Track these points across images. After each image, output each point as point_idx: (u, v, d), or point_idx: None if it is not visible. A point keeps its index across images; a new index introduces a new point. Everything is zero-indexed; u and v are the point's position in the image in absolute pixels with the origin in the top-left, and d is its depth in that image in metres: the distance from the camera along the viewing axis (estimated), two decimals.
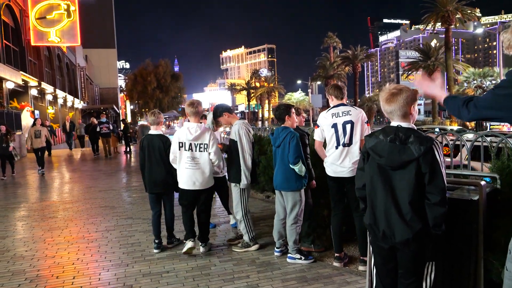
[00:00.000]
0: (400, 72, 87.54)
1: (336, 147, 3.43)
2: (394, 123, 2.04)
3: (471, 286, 2.34)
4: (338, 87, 3.56)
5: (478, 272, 2.32)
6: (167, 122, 55.25)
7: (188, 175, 3.83)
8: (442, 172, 1.93)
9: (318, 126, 3.60)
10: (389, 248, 2.07)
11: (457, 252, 2.37)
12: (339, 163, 3.42)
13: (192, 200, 3.95)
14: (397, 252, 2.07)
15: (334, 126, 3.43)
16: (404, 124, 2.01)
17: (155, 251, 4.06)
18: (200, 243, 4.04)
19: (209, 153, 3.81)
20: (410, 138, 1.95)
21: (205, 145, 3.82)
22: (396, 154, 1.96)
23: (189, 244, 3.90)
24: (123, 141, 18.69)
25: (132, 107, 64.76)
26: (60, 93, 24.32)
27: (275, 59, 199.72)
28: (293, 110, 3.82)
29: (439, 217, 1.94)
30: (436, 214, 1.93)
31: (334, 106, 3.52)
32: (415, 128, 2.03)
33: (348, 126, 3.38)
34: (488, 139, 3.61)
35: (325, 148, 3.63)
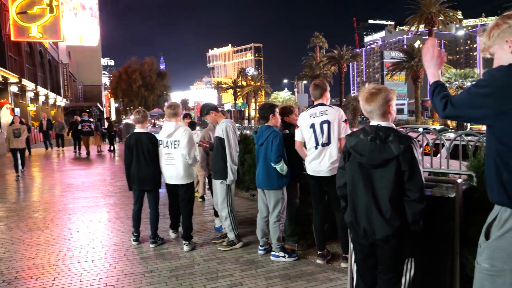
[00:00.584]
0: (385, 72, 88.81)
1: (316, 147, 3.47)
2: (373, 122, 2.08)
3: (448, 282, 2.41)
4: (318, 86, 3.56)
5: (454, 268, 2.38)
6: (152, 121, 54.51)
7: (166, 170, 4.11)
8: (420, 170, 1.98)
9: (298, 127, 3.63)
10: (369, 245, 2.11)
11: (435, 248, 2.43)
12: (318, 162, 3.46)
13: (172, 194, 4.23)
14: (377, 248, 2.11)
15: (312, 126, 3.47)
16: (383, 123, 2.05)
17: (134, 243, 4.20)
18: (183, 242, 4.04)
19: (180, 148, 3.94)
20: (390, 137, 1.99)
21: (179, 142, 3.97)
22: (377, 153, 1.99)
23: (172, 235, 4.42)
24: (107, 140, 18.36)
25: (116, 105, 63.66)
26: (42, 90, 23.71)
27: (262, 58, 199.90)
28: (277, 109, 3.84)
29: (417, 213, 1.99)
30: (415, 211, 1.99)
31: (313, 106, 3.56)
32: (395, 127, 2.07)
33: (325, 126, 3.41)
34: (467, 138, 3.71)
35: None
